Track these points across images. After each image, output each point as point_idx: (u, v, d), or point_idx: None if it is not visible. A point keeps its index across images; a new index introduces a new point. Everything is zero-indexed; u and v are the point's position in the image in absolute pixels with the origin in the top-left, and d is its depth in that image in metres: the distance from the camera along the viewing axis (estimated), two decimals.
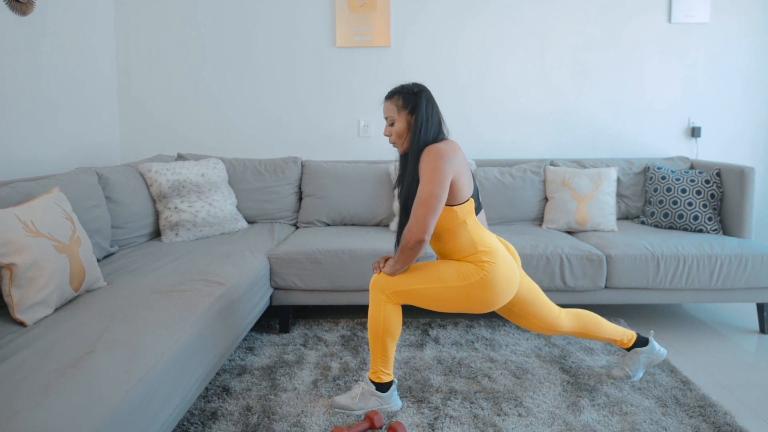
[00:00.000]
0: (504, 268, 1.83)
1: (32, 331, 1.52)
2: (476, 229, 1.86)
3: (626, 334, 2.12)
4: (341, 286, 2.63)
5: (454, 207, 1.82)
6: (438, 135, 1.89)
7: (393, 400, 1.94)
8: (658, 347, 2.14)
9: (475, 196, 1.91)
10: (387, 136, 1.94)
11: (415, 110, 1.87)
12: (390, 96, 1.93)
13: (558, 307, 2.06)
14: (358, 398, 1.92)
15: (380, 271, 1.93)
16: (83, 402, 1.19)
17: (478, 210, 1.92)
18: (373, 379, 1.93)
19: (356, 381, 2.16)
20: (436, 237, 1.91)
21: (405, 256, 1.82)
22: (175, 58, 3.53)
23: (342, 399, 1.95)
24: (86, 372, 1.28)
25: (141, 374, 1.39)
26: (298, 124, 3.60)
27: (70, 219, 1.85)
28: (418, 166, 1.82)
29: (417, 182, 1.82)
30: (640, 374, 2.15)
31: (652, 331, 2.17)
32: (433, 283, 1.84)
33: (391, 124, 1.92)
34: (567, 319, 2.05)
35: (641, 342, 2.13)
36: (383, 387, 1.92)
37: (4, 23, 2.50)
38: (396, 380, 1.98)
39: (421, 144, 1.84)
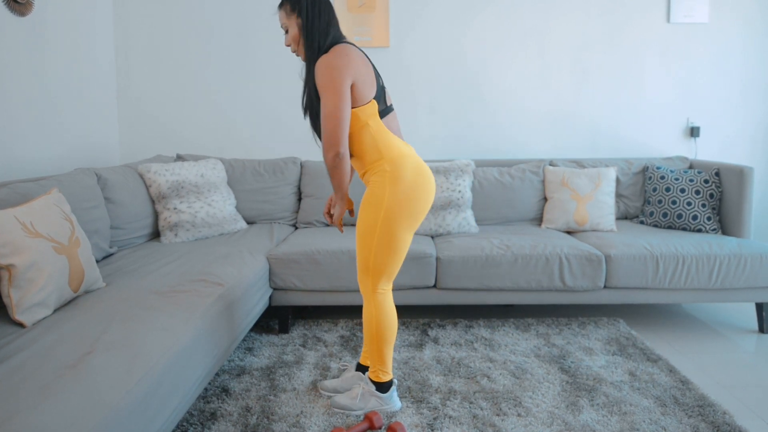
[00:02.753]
0: (410, 164, 1.81)
1: (31, 332, 1.52)
2: (380, 131, 1.83)
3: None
4: (340, 287, 2.63)
5: (355, 109, 1.80)
6: (330, 38, 1.82)
7: (393, 401, 1.94)
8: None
9: (379, 97, 1.85)
10: (287, 46, 1.91)
11: (301, 11, 1.83)
12: (280, 4, 1.89)
13: (366, 280, 1.90)
14: (359, 398, 1.92)
15: (332, 220, 1.95)
16: (83, 403, 1.20)
17: (386, 113, 1.87)
18: (372, 379, 1.93)
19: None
20: None
21: (333, 174, 1.81)
22: (175, 58, 3.53)
23: (342, 399, 1.95)
24: (86, 373, 1.28)
25: (140, 375, 1.39)
26: (297, 125, 3.60)
27: (69, 220, 1.85)
28: (314, 77, 1.79)
29: (316, 93, 1.79)
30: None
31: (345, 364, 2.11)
32: (372, 234, 1.81)
33: (287, 32, 1.89)
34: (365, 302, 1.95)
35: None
36: (383, 387, 1.93)
37: (3, 24, 2.49)
38: (396, 381, 1.98)
39: (315, 48, 1.81)
